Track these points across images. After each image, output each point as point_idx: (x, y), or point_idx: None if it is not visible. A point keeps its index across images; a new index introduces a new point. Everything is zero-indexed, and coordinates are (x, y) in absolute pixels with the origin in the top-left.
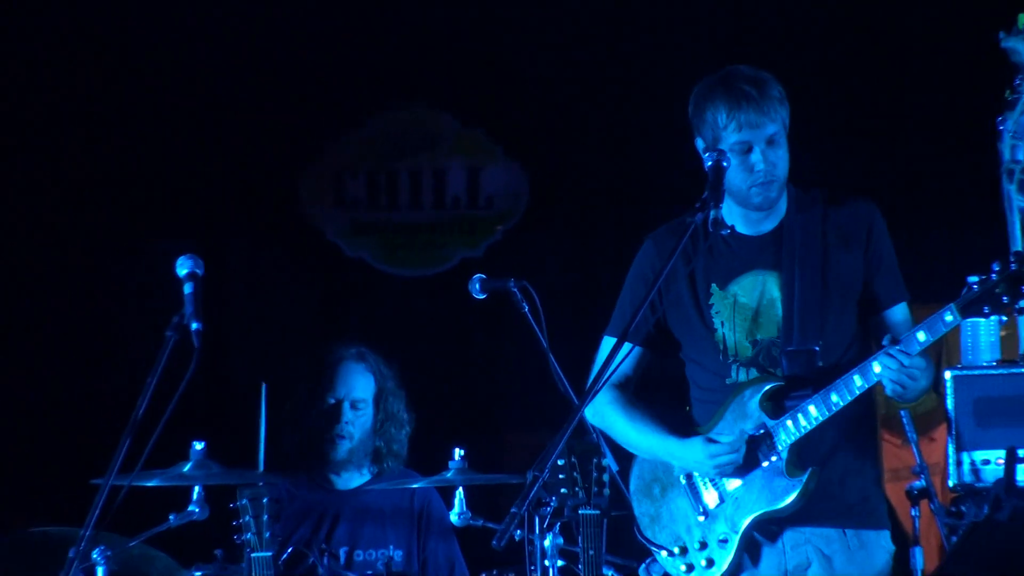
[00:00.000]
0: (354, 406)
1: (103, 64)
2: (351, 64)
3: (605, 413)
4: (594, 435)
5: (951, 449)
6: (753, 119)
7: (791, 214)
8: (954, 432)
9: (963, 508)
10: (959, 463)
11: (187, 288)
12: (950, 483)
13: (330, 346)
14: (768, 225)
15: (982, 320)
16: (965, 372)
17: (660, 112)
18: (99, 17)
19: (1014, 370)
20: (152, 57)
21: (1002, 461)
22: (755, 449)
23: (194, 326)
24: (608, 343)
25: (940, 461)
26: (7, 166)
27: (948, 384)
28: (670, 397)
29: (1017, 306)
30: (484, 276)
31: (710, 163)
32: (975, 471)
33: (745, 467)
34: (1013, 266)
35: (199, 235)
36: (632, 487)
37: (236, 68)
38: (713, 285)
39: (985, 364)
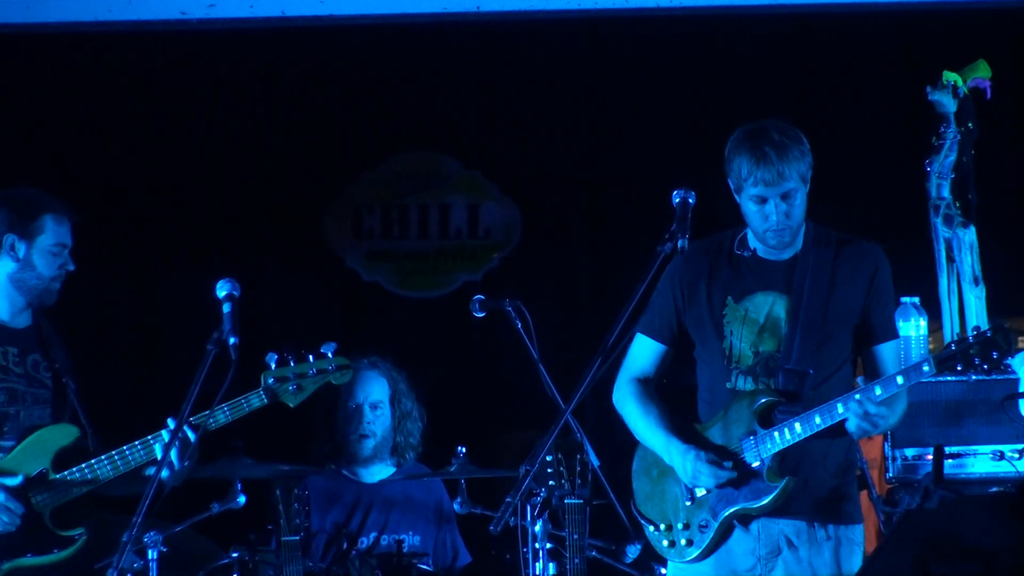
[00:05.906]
0: (373, 408)
1: (171, 129)
2: (368, 116)
3: (624, 402)
4: (577, 434)
5: (888, 447)
6: (769, 178)
7: (807, 247)
8: (890, 432)
9: (897, 498)
10: (894, 459)
11: (225, 308)
12: (887, 476)
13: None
14: (787, 254)
15: (912, 335)
16: None
17: (632, 157)
18: (159, 88)
19: (940, 378)
20: (207, 123)
21: (931, 457)
22: (744, 452)
23: (231, 340)
24: (639, 339)
25: (878, 457)
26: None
27: None
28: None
29: (984, 367)
30: (483, 297)
31: (677, 200)
32: (908, 466)
33: (734, 467)
34: (988, 333)
35: (238, 262)
36: (634, 466)
37: (271, 124)
38: (729, 298)
39: None
